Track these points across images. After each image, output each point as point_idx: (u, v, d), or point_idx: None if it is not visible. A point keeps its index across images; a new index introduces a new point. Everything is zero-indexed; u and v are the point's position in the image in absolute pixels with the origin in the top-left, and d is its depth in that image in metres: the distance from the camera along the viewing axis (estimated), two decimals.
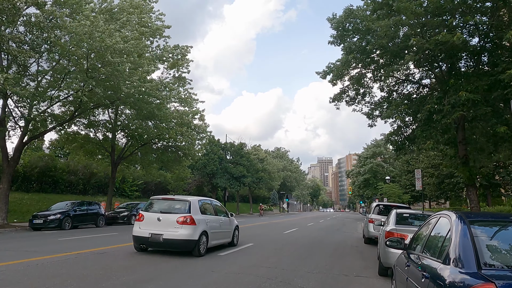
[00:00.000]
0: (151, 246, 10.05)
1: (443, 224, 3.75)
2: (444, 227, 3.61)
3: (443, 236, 3.53)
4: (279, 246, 13.22)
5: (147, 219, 9.93)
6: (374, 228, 14.66)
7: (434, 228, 3.98)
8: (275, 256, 10.62)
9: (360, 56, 12.91)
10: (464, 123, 12.07)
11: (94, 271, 7.16)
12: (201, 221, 10.02)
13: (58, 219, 18.78)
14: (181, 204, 10.28)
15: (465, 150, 12.20)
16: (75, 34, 16.43)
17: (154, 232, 9.58)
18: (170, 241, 9.49)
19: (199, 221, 9.90)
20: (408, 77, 14.75)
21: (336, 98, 15.72)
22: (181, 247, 9.70)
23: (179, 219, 9.63)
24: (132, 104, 21.07)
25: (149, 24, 24.43)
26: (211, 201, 12.08)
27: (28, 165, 29.16)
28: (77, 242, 12.58)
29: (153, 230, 9.61)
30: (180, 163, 30.27)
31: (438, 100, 10.25)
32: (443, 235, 3.51)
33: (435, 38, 9.50)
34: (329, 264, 9.55)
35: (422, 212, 9.09)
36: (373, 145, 65.15)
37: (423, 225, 4.74)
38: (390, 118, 13.25)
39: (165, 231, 9.54)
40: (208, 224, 10.35)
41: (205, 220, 10.25)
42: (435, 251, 3.57)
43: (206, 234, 10.11)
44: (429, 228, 4.19)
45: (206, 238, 10.14)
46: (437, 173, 24.87)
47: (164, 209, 10.27)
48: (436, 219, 4.09)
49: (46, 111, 20.44)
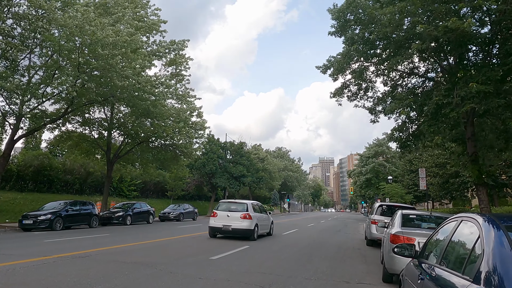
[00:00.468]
0: (222, 233, 14.86)
1: (467, 229, 3.04)
2: (469, 233, 2.89)
3: (468, 245, 2.81)
4: (277, 248, 12.52)
5: (219, 215, 14.77)
6: (377, 229, 13.99)
7: (454, 235, 3.24)
8: (272, 260, 9.92)
9: (362, 47, 12.18)
10: (473, 118, 11.32)
11: (68, 278, 6.47)
12: (254, 216, 14.88)
13: (48, 220, 18.11)
14: (242, 205, 15.15)
15: (474, 147, 11.44)
16: (65, 27, 15.78)
17: (225, 224, 14.47)
18: (237, 230, 14.32)
19: (253, 217, 14.77)
20: (413, 70, 14.01)
21: (337, 93, 14.98)
22: (243, 234, 14.43)
23: (241, 215, 14.47)
24: (126, 101, 20.38)
25: (144, 19, 23.83)
26: (257, 203, 16.91)
27: (22, 164, 28.50)
28: (62, 244, 11.90)
29: (224, 223, 14.50)
30: (177, 162, 29.58)
31: (446, 92, 9.49)
32: (469, 244, 2.80)
33: (444, 25, 8.77)
34: (329, 269, 8.85)
35: (430, 213, 8.33)
36: (375, 145, 64.30)
37: (438, 230, 4.01)
38: (394, 113, 12.50)
39: (233, 223, 14.37)
40: (258, 219, 15.21)
41: (256, 216, 15.11)
42: (458, 264, 2.86)
43: (257, 225, 14.92)
44: (447, 234, 3.47)
45: (257, 228, 14.95)
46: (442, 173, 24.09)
47: (230, 208, 15.09)
48: (455, 223, 3.36)
49: (37, 107, 19.81)
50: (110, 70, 16.85)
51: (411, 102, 10.91)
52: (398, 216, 8.30)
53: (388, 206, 15.77)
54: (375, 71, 13.93)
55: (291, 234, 18.80)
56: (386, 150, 62.88)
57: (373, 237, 14.36)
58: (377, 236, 14.07)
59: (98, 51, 15.95)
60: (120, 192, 38.46)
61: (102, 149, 27.32)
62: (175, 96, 27.21)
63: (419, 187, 40.94)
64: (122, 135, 27.51)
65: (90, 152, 28.57)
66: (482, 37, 9.94)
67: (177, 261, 8.92)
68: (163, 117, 23.19)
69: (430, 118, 10.35)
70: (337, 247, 14.02)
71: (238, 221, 14.34)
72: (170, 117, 24.49)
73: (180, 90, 27.54)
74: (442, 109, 9.79)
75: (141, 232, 18.19)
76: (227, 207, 15.21)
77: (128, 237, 15.27)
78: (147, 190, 42.78)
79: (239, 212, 14.62)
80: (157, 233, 17.49)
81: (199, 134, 28.24)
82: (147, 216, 26.36)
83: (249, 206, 14.96)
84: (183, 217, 30.94)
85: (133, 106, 21.30)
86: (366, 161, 64.16)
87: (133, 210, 25.02)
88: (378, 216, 14.74)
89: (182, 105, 27.42)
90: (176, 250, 11.18)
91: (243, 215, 14.45)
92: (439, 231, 3.97)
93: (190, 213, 32.66)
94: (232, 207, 15.20)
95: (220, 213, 14.84)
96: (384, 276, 7.74)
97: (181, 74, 27.02)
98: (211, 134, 46.37)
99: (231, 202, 15.84)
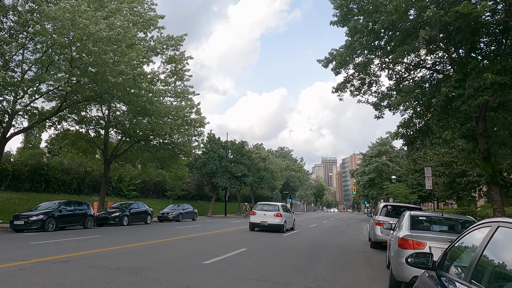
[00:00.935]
0: (260, 228, 19.39)
1: (505, 239, 2.35)
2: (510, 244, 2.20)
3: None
4: (276, 251, 11.81)
5: (257, 214, 19.42)
6: (382, 231, 13.28)
7: (487, 246, 2.53)
8: (269, 264, 9.22)
9: (366, 39, 11.43)
10: (485, 112, 10.57)
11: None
12: (283, 214, 19.27)
13: (40, 220, 17.50)
14: (274, 206, 19.70)
15: (486, 143, 10.68)
16: (56, 20, 15.16)
17: (262, 220, 19.08)
18: (272, 225, 18.91)
19: (283, 215, 19.19)
20: (420, 63, 13.24)
21: (340, 88, 14.21)
22: (276, 228, 18.98)
23: (274, 214, 19.05)
24: (121, 98, 19.73)
25: (142, 14, 23.19)
26: (284, 204, 21.54)
27: (18, 163, 27.94)
28: (48, 246, 11.27)
29: (262, 219, 19.12)
30: (176, 160, 28.93)
31: (457, 84, 8.74)
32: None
33: (455, 9, 8.05)
34: (330, 275, 8.15)
35: (441, 214, 7.60)
36: (378, 144, 63.35)
37: (462, 237, 3.30)
38: (400, 108, 11.74)
39: (268, 220, 18.96)
40: (285, 216, 19.61)
41: (284, 215, 19.43)
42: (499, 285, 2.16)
43: (285, 221, 19.43)
44: (477, 243, 2.76)
45: (285, 224, 19.49)
46: (448, 172, 23.29)
47: (266, 208, 19.60)
48: (488, 231, 2.65)
49: (29, 105, 19.22)
50: (103, 65, 16.22)
51: (418, 95, 10.15)
52: (406, 218, 7.57)
53: (393, 207, 15.05)
54: (380, 64, 13.18)
55: (291, 236, 18.09)
56: (390, 149, 61.94)
57: (378, 239, 13.65)
58: (381, 238, 13.38)
59: (89, 47, 15.29)
60: (119, 192, 37.85)
61: (99, 148, 26.75)
62: (174, 93, 26.61)
63: (423, 187, 40.14)
64: (119, 133, 26.89)
65: (88, 151, 27.98)
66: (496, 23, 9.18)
67: (166, 266, 8.25)
68: (160, 114, 22.52)
69: (439, 112, 9.60)
70: (339, 249, 13.31)
71: (272, 218, 19.00)
72: (168, 115, 23.84)
73: (179, 87, 26.94)
74: (452, 102, 9.05)
75: (136, 233, 17.55)
76: (263, 208, 19.81)
77: (120, 238, 14.62)
78: (147, 190, 42.14)
79: (272, 211, 19.24)
80: (152, 235, 16.85)
81: (198, 131, 27.55)
82: (144, 216, 25.73)
83: (279, 207, 19.60)
84: (182, 217, 30.29)
85: (128, 103, 20.65)
86: (369, 160, 63.22)
87: (130, 210, 24.38)
88: (383, 217, 14.03)
89: (180, 102, 26.80)
90: (167, 253, 10.51)
91: (276, 214, 19.09)
92: (464, 238, 3.25)
93: (190, 214, 31.99)
94: (266, 207, 19.73)
95: (258, 212, 19.58)
96: (391, 284, 7.03)
97: (181, 72, 26.39)
98: (211, 133, 45.76)
99: (265, 204, 20.35)
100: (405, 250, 6.48)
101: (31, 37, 16.98)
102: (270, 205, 19.82)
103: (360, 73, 13.43)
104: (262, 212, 19.23)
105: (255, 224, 19.34)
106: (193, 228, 21.29)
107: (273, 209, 19.26)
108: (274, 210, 19.22)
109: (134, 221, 24.63)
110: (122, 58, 16.85)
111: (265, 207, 19.65)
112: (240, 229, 21.25)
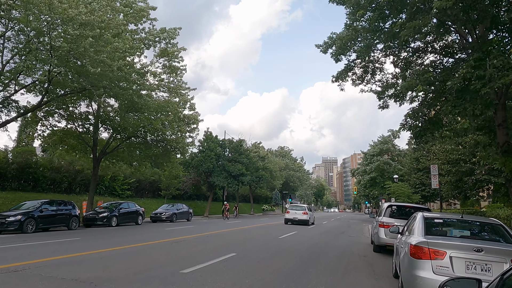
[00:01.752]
0: (293, 223, 26.51)
1: None
2: None
3: None
4: (268, 256, 10.57)
5: (291, 212, 27.39)
6: (386, 233, 12.04)
7: None
8: (259, 272, 8.00)
9: (370, 16, 10.18)
10: (505, 100, 9.32)
11: None
12: (308, 213, 27.13)
13: (18, 221, 16.29)
14: (302, 207, 28.82)
15: (506, 135, 9.45)
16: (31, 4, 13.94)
17: (294, 217, 26.78)
18: (301, 220, 26.44)
19: (308, 213, 27.05)
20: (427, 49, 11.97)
21: (340, 77, 12.94)
22: (304, 223, 26.38)
23: (303, 212, 27.08)
24: (107, 91, 18.48)
25: (132, 4, 21.99)
26: (308, 205, 31.17)
27: (4, 161, 26.72)
28: (11, 251, 10.05)
29: (293, 216, 26.83)
30: (169, 158, 27.69)
31: (477, 63, 7.49)
32: None
33: None
34: (329, 286, 6.93)
35: (461, 216, 6.36)
36: (380, 142, 61.99)
37: None
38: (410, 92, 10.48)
39: (298, 216, 26.68)
40: (310, 214, 27.33)
41: (309, 213, 27.31)
42: None
43: (309, 218, 26.91)
44: None
45: (309, 219, 26.94)
46: (455, 170, 22.05)
47: (297, 208, 28.44)
48: None
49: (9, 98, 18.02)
50: (84, 54, 15.00)
51: (430, 77, 8.88)
52: (418, 220, 6.31)
53: (399, 207, 13.77)
54: (384, 50, 11.92)
55: (288, 238, 16.84)
56: (392, 147, 60.61)
57: (382, 242, 12.42)
58: (386, 242, 12.15)
59: (68, 31, 14.08)
60: (112, 191, 36.55)
61: (88, 145, 25.52)
62: (167, 88, 25.41)
63: (426, 186, 38.82)
64: (109, 130, 25.67)
65: (77, 148, 26.77)
66: None
67: (136, 276, 7.03)
68: (150, 109, 21.28)
69: (455, 97, 8.36)
70: (339, 253, 12.07)
71: (301, 215, 26.67)
72: (158, 110, 22.60)
73: (173, 83, 25.75)
74: (471, 84, 7.81)
75: (122, 235, 16.34)
76: (293, 207, 28.61)
77: (100, 241, 13.40)
78: (141, 189, 40.85)
79: (301, 211, 27.31)
80: (139, 236, 15.63)
81: (192, 127, 26.30)
82: (135, 216, 24.51)
83: (306, 207, 28.42)
84: (176, 218, 29.00)
85: (115, 96, 19.42)
86: (371, 159, 61.86)
87: (120, 211, 23.16)
88: (387, 218, 12.77)
89: (174, 97, 25.60)
90: (144, 259, 9.27)
91: (304, 212, 26.97)
92: None
93: (184, 214, 30.71)
94: (295, 208, 28.29)
95: (290, 211, 27.56)
96: None
97: (173, 66, 25.19)
98: (208, 131, 44.54)
99: (295, 205, 29.96)
100: (419, 261, 5.26)
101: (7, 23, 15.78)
102: (299, 206, 29.22)
103: (363, 59, 12.18)
104: (294, 211, 27.32)
105: (289, 220, 26.87)
106: (185, 229, 20.06)
107: (301, 209, 27.64)
108: (302, 209, 27.50)
109: (124, 221, 23.42)
110: (104, 47, 15.62)
111: (295, 208, 28.31)
112: (234, 230, 20.03)
